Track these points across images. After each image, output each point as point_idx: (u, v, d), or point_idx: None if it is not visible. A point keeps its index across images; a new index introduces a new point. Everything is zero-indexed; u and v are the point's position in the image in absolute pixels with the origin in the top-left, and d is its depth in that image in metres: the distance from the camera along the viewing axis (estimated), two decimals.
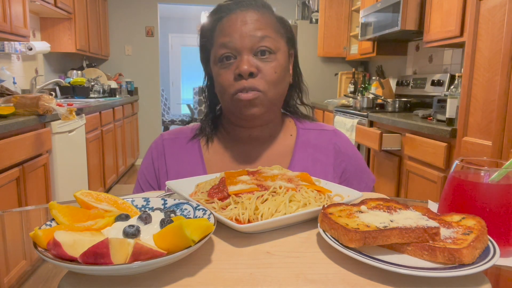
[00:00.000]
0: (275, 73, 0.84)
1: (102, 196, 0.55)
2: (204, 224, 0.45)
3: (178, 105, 8.50)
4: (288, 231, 0.57)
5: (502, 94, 1.73)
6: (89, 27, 4.51)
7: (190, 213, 0.55)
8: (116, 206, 0.54)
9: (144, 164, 0.97)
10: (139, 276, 0.43)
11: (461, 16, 2.37)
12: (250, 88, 0.81)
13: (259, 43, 0.82)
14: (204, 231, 0.44)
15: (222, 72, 0.84)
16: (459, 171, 0.58)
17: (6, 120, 1.97)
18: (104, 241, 0.40)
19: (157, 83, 5.80)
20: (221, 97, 0.88)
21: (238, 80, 0.82)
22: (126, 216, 0.48)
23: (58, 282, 0.42)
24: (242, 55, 0.82)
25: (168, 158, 0.94)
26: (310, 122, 1.00)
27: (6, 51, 3.10)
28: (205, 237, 0.45)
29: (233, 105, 0.85)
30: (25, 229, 0.70)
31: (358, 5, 4.22)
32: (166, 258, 0.41)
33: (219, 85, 0.86)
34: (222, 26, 0.85)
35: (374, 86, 3.98)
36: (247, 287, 0.41)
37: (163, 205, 0.58)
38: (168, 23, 8.14)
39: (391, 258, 0.46)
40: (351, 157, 0.96)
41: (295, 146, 0.94)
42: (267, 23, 0.85)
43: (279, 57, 0.85)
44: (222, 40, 0.84)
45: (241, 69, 0.80)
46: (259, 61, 0.83)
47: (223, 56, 0.84)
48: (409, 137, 2.51)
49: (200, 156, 0.93)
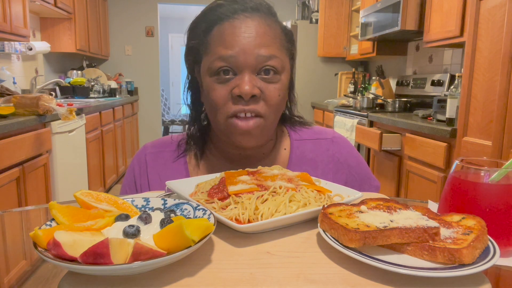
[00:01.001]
0: (279, 96, 0.75)
1: (102, 196, 0.55)
2: (204, 224, 0.45)
3: (178, 105, 8.50)
4: (288, 231, 0.57)
5: (502, 94, 1.73)
6: (89, 27, 4.51)
7: (190, 213, 0.55)
8: (116, 206, 0.54)
9: (127, 180, 0.88)
10: (139, 276, 0.43)
11: (461, 16, 2.37)
12: (250, 111, 0.72)
13: (265, 63, 0.72)
14: (204, 231, 0.44)
15: (216, 87, 0.73)
16: (459, 171, 0.58)
17: (6, 120, 1.97)
18: (104, 241, 0.40)
19: (157, 83, 5.80)
20: (213, 115, 0.77)
21: (237, 102, 0.72)
22: (126, 216, 0.48)
23: (58, 282, 0.42)
24: (244, 73, 0.72)
25: (150, 175, 0.85)
26: (304, 129, 0.91)
27: (6, 51, 3.10)
28: (205, 237, 0.45)
29: (227, 130, 0.75)
30: (25, 229, 0.70)
31: (358, 5, 4.22)
32: (166, 258, 0.41)
33: (211, 101, 0.75)
34: (222, 32, 0.73)
35: (374, 86, 3.98)
36: (247, 287, 0.41)
37: (163, 205, 0.58)
38: (168, 23, 8.14)
39: (391, 258, 0.46)
40: (352, 167, 0.89)
41: (289, 162, 0.86)
42: (275, 38, 0.75)
43: (283, 78, 0.76)
44: (221, 52, 0.72)
45: (242, 90, 0.70)
46: (262, 82, 0.73)
47: (220, 70, 0.73)
48: (409, 137, 2.51)
49: (186, 175, 0.83)
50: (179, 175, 0.83)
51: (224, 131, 0.77)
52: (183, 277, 0.43)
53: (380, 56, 3.87)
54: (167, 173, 0.85)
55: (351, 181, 0.89)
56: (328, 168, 0.87)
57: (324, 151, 0.89)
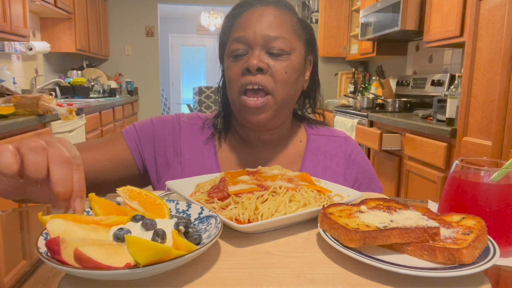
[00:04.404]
0: (285, 73, 0.80)
1: (143, 193, 0.54)
2: (155, 247, 0.39)
3: (178, 105, 8.50)
4: (288, 231, 0.57)
5: (502, 94, 1.73)
6: (89, 27, 4.51)
7: (209, 227, 0.51)
8: (147, 205, 0.52)
9: (154, 127, 0.91)
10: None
11: (461, 16, 2.37)
12: (256, 84, 0.78)
13: (272, 43, 0.80)
14: (153, 254, 0.39)
15: (232, 65, 0.82)
16: (459, 171, 0.58)
17: (6, 120, 1.97)
18: (56, 238, 0.40)
19: (157, 83, 5.80)
20: (229, 92, 0.85)
21: (246, 74, 0.79)
22: (141, 218, 0.47)
23: (58, 282, 0.42)
24: (254, 50, 0.80)
25: (183, 143, 0.90)
26: (321, 127, 0.97)
27: (6, 51, 3.10)
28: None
29: (239, 107, 0.82)
30: (25, 229, 0.70)
31: (358, 5, 4.22)
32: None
33: (227, 78, 0.84)
34: (240, 21, 0.83)
35: (374, 86, 3.98)
36: (247, 287, 0.41)
37: (199, 214, 0.55)
38: (168, 23, 8.14)
39: (391, 258, 0.46)
40: (362, 166, 0.94)
41: (305, 153, 0.91)
42: (285, 23, 0.82)
43: (293, 58, 0.82)
44: (236, 35, 0.82)
45: (250, 63, 0.78)
46: (269, 58, 0.80)
47: (235, 52, 0.81)
48: (409, 137, 2.51)
49: (214, 152, 0.89)
50: (208, 150, 0.90)
51: (237, 109, 0.84)
52: (183, 277, 0.43)
53: (380, 56, 3.87)
54: (198, 144, 0.90)
55: (361, 178, 0.93)
56: (340, 162, 0.92)
57: (337, 146, 0.94)
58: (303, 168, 0.89)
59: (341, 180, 0.89)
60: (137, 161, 0.89)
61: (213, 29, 7.27)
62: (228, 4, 5.58)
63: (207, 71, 8.99)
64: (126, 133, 0.90)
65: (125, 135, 0.90)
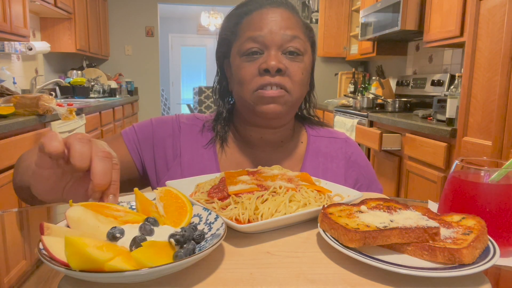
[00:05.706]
0: (302, 74, 0.81)
1: (178, 196, 0.54)
2: (86, 255, 0.37)
3: (178, 105, 8.50)
4: (288, 231, 0.57)
5: (502, 94, 1.73)
6: (89, 27, 4.51)
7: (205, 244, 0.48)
8: (171, 210, 0.52)
9: (153, 129, 0.89)
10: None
11: (461, 16, 2.37)
12: (276, 85, 0.78)
13: (289, 43, 0.79)
14: (84, 261, 0.37)
15: (245, 65, 0.80)
16: (459, 171, 0.58)
17: (6, 120, 1.97)
18: (42, 223, 0.42)
19: (157, 83, 5.80)
20: (240, 91, 0.83)
21: (263, 75, 0.78)
22: (154, 221, 0.47)
23: (58, 282, 0.42)
24: (270, 50, 0.79)
25: (183, 144, 0.89)
26: (321, 129, 0.98)
27: (6, 51, 3.10)
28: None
29: (253, 101, 0.81)
30: (25, 229, 0.70)
31: (358, 5, 4.22)
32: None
33: (240, 78, 0.82)
34: (251, 20, 0.82)
35: (374, 86, 3.98)
36: (247, 287, 0.41)
37: (217, 229, 0.52)
38: (168, 23, 8.14)
39: (391, 258, 0.46)
40: (362, 167, 0.94)
41: (305, 154, 0.92)
42: (297, 24, 0.83)
43: (305, 60, 0.83)
44: (250, 34, 0.80)
45: (269, 64, 0.77)
46: (287, 60, 0.80)
47: (249, 50, 0.80)
48: (409, 137, 2.51)
49: (214, 155, 0.89)
50: (208, 154, 0.89)
51: (250, 103, 0.82)
52: (183, 277, 0.43)
53: (380, 56, 3.87)
54: (198, 147, 0.89)
55: (361, 179, 0.93)
56: (341, 164, 0.92)
57: (338, 148, 0.94)
58: (303, 169, 0.89)
59: (342, 182, 0.89)
60: (136, 162, 0.89)
61: (213, 29, 7.27)
62: (228, 4, 5.59)
63: (207, 71, 9.00)
64: (126, 134, 0.90)
65: (124, 136, 0.89)
